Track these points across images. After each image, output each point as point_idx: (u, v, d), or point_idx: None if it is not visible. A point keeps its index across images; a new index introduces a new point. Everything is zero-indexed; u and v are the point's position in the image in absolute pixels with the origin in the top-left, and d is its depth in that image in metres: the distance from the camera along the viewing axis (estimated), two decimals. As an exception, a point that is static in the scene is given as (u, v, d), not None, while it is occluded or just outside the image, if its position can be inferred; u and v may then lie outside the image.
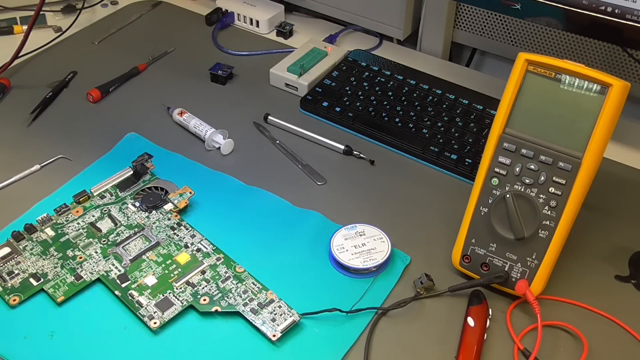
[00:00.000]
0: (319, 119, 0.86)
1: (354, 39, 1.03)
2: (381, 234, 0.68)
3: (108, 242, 0.67)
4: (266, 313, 0.61)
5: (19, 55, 0.91)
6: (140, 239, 0.68)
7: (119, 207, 0.71)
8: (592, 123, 0.58)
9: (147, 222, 0.69)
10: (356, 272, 0.66)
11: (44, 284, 0.63)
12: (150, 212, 0.70)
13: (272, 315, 0.61)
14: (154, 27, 1.03)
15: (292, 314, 0.61)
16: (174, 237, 0.68)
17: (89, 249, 0.66)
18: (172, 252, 0.67)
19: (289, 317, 0.61)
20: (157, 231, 0.69)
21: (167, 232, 0.69)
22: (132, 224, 0.69)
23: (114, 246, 0.67)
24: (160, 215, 0.70)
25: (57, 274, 0.64)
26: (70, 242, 0.67)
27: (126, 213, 0.70)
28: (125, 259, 0.65)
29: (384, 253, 0.66)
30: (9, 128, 0.83)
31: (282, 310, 0.61)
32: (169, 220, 0.70)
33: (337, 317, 0.62)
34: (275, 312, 0.61)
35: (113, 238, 0.68)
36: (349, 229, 0.68)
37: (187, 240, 0.68)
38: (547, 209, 0.60)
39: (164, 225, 0.69)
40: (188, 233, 0.69)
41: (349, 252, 0.66)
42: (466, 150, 0.79)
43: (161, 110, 0.86)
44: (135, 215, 0.70)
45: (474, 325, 0.60)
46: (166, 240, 0.68)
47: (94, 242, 0.67)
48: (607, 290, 0.66)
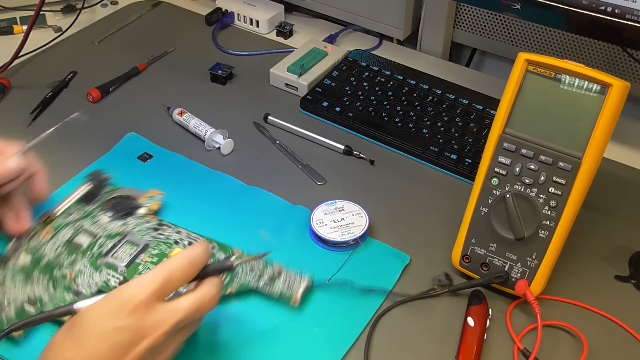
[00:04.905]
0: (319, 119, 0.86)
1: (354, 39, 1.03)
2: (360, 209, 0.70)
3: (93, 255, 0.65)
4: (280, 284, 0.63)
5: (19, 55, 0.92)
6: (126, 245, 0.66)
7: (90, 220, 0.68)
8: (592, 123, 0.58)
9: (127, 229, 0.68)
10: (335, 245, 0.68)
11: (42, 307, 0.60)
12: (126, 218, 0.69)
13: (286, 284, 0.63)
14: (154, 27, 1.03)
15: (304, 279, 0.63)
16: (159, 236, 0.67)
17: (76, 265, 0.64)
18: (165, 251, 0.66)
19: (303, 282, 0.63)
20: (141, 235, 0.67)
21: (151, 234, 0.67)
22: (111, 233, 0.67)
23: (102, 257, 0.65)
24: (137, 220, 0.69)
25: (53, 295, 0.61)
26: (52, 263, 0.64)
27: (101, 224, 0.68)
28: (119, 267, 0.64)
29: (362, 227, 0.68)
30: (9, 128, 0.83)
31: (294, 278, 0.63)
32: (149, 222, 0.69)
33: (337, 317, 0.62)
34: (288, 281, 0.63)
35: (97, 250, 0.65)
36: (328, 205, 0.71)
37: (174, 237, 0.67)
38: (547, 209, 0.60)
39: (145, 228, 0.68)
40: (173, 230, 0.68)
41: (328, 227, 0.68)
42: (466, 150, 0.79)
43: (161, 110, 0.86)
44: (112, 225, 0.68)
45: (474, 325, 0.60)
46: (153, 241, 0.67)
47: (78, 258, 0.65)
48: (607, 290, 0.66)
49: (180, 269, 0.52)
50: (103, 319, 0.48)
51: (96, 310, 0.49)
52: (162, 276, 0.50)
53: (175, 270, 0.51)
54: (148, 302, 0.49)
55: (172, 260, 0.52)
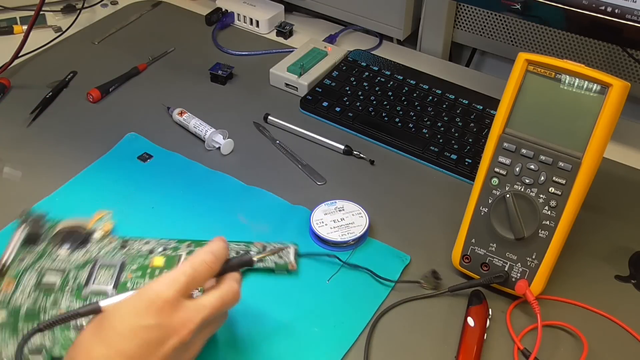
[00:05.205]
0: (319, 119, 0.86)
1: (354, 39, 1.03)
2: (360, 209, 0.70)
3: (73, 289, 0.61)
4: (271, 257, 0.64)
5: (19, 55, 0.91)
6: (102, 269, 0.63)
7: (49, 259, 0.64)
8: (592, 123, 0.58)
9: (93, 255, 0.65)
10: (335, 245, 0.68)
11: (50, 352, 0.56)
12: (85, 246, 0.66)
13: (275, 256, 0.65)
14: (154, 27, 1.03)
15: (289, 246, 0.66)
16: (130, 252, 0.65)
17: (61, 304, 0.60)
18: (144, 263, 0.64)
19: (290, 249, 0.66)
20: (111, 256, 0.64)
21: (120, 253, 0.65)
22: (79, 264, 0.64)
23: (84, 288, 0.61)
24: (97, 244, 0.66)
25: (56, 338, 0.57)
26: (33, 309, 0.59)
27: (62, 259, 0.64)
28: (108, 290, 0.61)
29: (362, 227, 0.68)
30: (9, 128, 0.83)
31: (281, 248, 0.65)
32: (111, 243, 0.66)
33: (337, 317, 0.62)
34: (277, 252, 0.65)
35: (74, 283, 0.62)
36: (328, 205, 0.71)
37: (146, 248, 0.65)
38: (547, 209, 0.60)
39: (111, 249, 0.65)
40: (141, 243, 0.66)
41: (328, 227, 0.68)
42: (466, 150, 0.79)
43: (161, 110, 0.86)
44: (74, 256, 0.64)
45: (474, 325, 0.60)
46: (127, 258, 0.64)
47: (59, 297, 0.61)
48: (607, 290, 0.66)
49: (205, 264, 0.52)
50: (131, 317, 0.48)
51: (124, 308, 0.49)
52: (187, 272, 0.51)
53: (199, 266, 0.52)
54: (175, 299, 0.49)
55: (196, 256, 0.52)
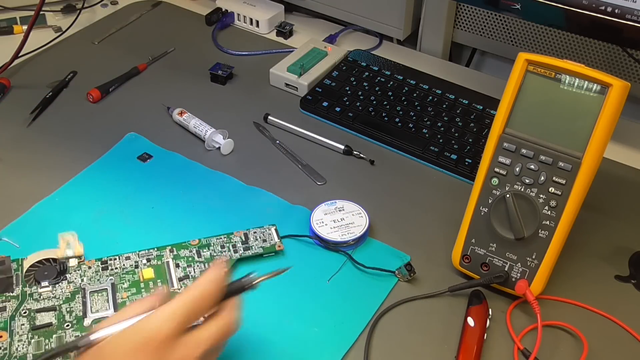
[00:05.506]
0: (319, 119, 0.86)
1: (354, 39, 1.03)
2: (359, 209, 0.70)
3: (71, 324, 0.59)
4: (253, 242, 0.67)
5: (19, 55, 0.91)
6: (94, 296, 0.62)
7: (32, 300, 0.61)
8: (592, 123, 0.58)
9: (78, 284, 0.63)
10: (335, 245, 0.68)
11: None
12: (65, 277, 0.63)
13: (260, 240, 0.67)
14: (154, 27, 1.03)
15: (269, 227, 0.68)
16: (115, 271, 0.64)
17: (64, 340, 0.58)
18: (134, 278, 0.63)
19: (271, 229, 0.68)
20: (96, 281, 0.63)
21: (104, 275, 0.63)
22: (67, 297, 0.61)
23: (83, 319, 0.60)
24: (77, 272, 0.63)
25: None
26: (39, 355, 0.57)
27: (47, 297, 0.61)
28: (107, 314, 0.60)
29: (362, 227, 0.68)
30: (9, 128, 0.83)
31: (262, 231, 0.68)
32: (90, 268, 0.64)
33: (337, 317, 0.62)
34: (258, 237, 0.67)
35: (72, 317, 0.60)
36: (328, 205, 0.71)
37: (129, 264, 0.64)
38: (547, 209, 0.60)
39: (91, 274, 0.63)
40: (121, 260, 0.65)
41: (328, 227, 0.68)
42: (466, 150, 0.79)
43: (161, 110, 0.86)
44: (58, 291, 0.62)
45: (474, 325, 0.60)
46: (113, 278, 0.63)
47: (62, 334, 0.59)
48: (607, 290, 0.66)
49: (206, 295, 0.50)
50: (128, 357, 0.47)
51: (120, 346, 0.47)
52: (186, 307, 0.49)
53: (200, 297, 0.49)
54: (173, 336, 0.47)
55: (196, 286, 0.50)
